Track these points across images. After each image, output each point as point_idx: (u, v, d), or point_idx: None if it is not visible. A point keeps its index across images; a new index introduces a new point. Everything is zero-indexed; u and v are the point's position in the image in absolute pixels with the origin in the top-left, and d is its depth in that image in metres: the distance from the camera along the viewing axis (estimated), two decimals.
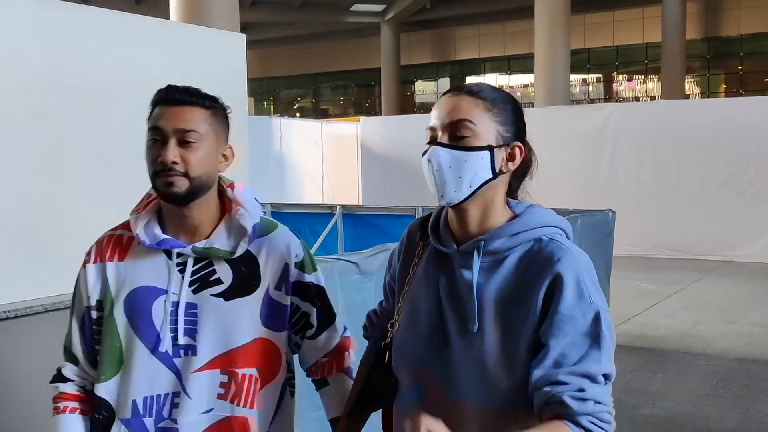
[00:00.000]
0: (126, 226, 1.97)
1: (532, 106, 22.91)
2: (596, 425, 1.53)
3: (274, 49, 37.45)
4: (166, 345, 1.88)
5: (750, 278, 11.57)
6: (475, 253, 1.66)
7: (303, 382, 2.18)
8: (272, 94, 39.97)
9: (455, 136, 1.64)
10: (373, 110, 37.35)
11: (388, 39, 33.63)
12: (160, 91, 1.88)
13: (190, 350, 1.89)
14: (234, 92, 1.78)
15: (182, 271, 1.90)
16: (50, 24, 3.13)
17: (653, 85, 32.12)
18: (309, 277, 2.01)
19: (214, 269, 1.92)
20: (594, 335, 1.57)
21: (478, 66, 35.93)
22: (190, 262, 1.91)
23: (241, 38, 4.09)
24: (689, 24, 27.80)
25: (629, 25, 31.42)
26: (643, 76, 33.12)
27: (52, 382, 2.03)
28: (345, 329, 2.12)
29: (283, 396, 2.00)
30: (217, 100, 1.92)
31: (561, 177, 14.37)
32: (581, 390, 1.53)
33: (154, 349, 1.89)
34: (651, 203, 13.56)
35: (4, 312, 2.88)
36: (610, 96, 33.47)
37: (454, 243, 1.72)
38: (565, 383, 1.54)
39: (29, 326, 2.93)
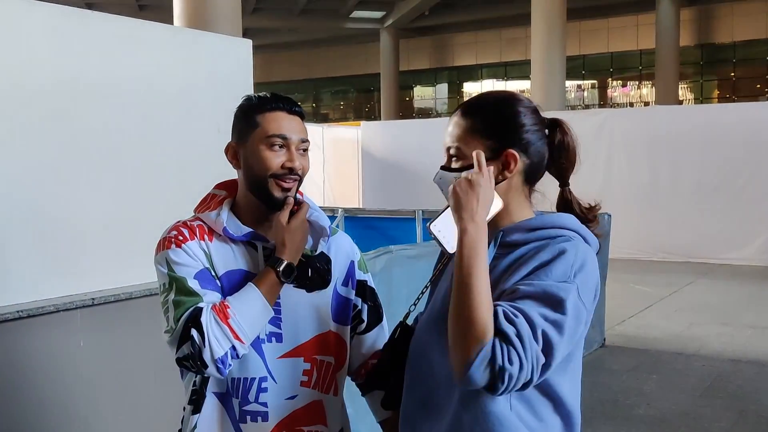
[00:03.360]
0: (197, 220, 1.95)
1: None
2: (502, 352, 1.46)
3: (275, 54, 37.48)
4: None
5: (744, 280, 11.58)
6: (492, 242, 1.69)
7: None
8: None
9: (450, 158, 1.74)
10: (372, 115, 37.37)
11: (387, 45, 33.67)
12: (271, 99, 1.92)
13: (275, 337, 1.93)
14: (240, 95, 1.82)
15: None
16: (62, 30, 3.14)
17: (647, 90, 32.17)
18: (365, 276, 2.14)
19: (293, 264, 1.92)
20: (556, 302, 1.53)
21: (476, 72, 35.99)
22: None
23: (248, 44, 4.11)
24: (683, 31, 27.86)
25: (624, 31, 31.48)
26: (637, 82, 33.16)
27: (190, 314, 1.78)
28: None
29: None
30: None
31: (556, 181, 14.39)
32: (514, 315, 1.49)
33: None
34: (646, 207, 13.57)
35: (17, 312, 2.91)
36: (605, 102, 33.52)
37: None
38: (503, 305, 1.52)
39: (41, 326, 2.96)
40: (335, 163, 17.36)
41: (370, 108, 39.04)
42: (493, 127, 1.71)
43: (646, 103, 31.30)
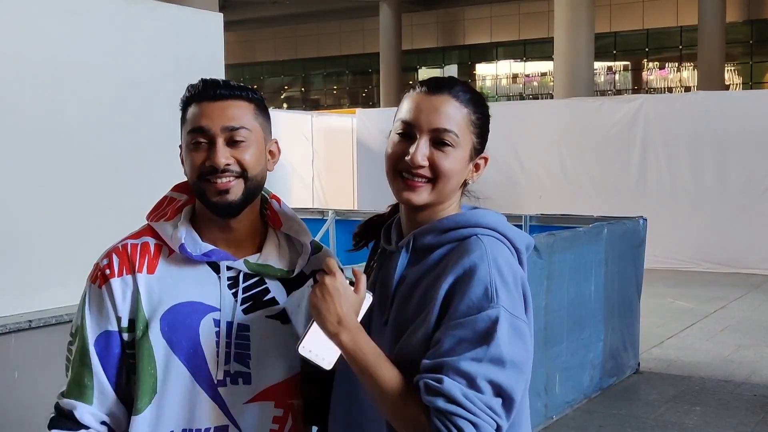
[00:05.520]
0: (148, 232, 1.93)
1: (551, 97, 22.90)
2: (445, 426, 1.58)
3: (257, 30, 37.49)
4: (216, 371, 1.85)
5: None
6: (404, 248, 1.83)
7: None
8: (256, 81, 40.05)
9: (437, 142, 1.78)
10: (370, 101, 37.41)
11: (387, 20, 33.66)
12: (192, 86, 1.88)
13: (241, 378, 1.87)
14: (211, 78, 1.78)
15: (231, 287, 1.88)
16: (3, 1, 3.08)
17: (688, 74, 32.17)
18: None
19: (267, 288, 1.92)
20: (485, 335, 1.62)
21: (490, 51, 36.01)
22: (240, 278, 1.89)
23: (218, 18, 4.05)
24: (729, 4, 27.84)
25: (662, 5, 31.47)
26: (677, 64, 33.17)
27: (55, 427, 1.89)
28: None
29: None
30: (257, 91, 1.94)
31: (584, 179, 14.37)
32: (438, 381, 1.59)
33: (197, 376, 1.85)
34: (687, 209, 13.53)
35: (15, 323, 2.91)
36: (639, 86, 33.53)
37: (397, 241, 1.88)
38: (431, 372, 1.62)
39: (43, 336, 2.94)
40: (326, 157, 17.33)
41: (368, 93, 39.07)
42: (482, 124, 1.85)
43: (687, 88, 31.30)
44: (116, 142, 3.50)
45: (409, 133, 1.80)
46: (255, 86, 1.98)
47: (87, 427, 1.88)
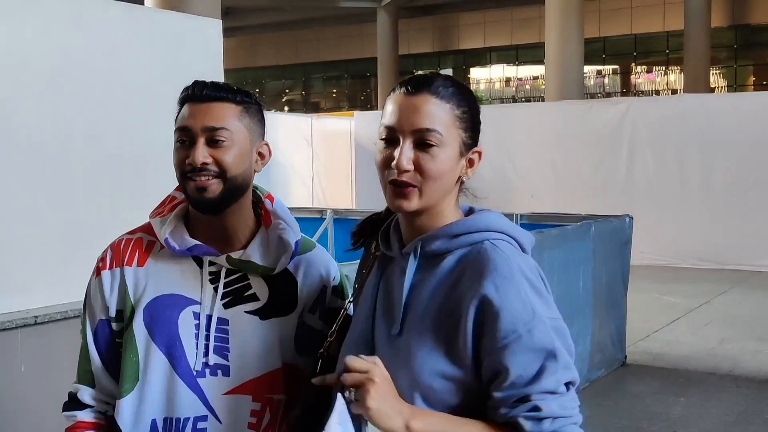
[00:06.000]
0: (145, 229, 1.96)
1: (542, 100, 22.88)
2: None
3: (259, 36, 37.42)
4: (194, 362, 1.85)
5: None
6: (412, 253, 1.71)
7: None
8: (258, 85, 39.96)
9: (420, 143, 1.66)
10: (368, 104, 37.35)
11: (385, 26, 33.61)
12: (186, 88, 1.87)
13: (221, 370, 1.87)
14: None
15: (212, 282, 1.89)
16: (3, 7, 3.06)
17: (675, 77, 32.14)
18: (342, 303, 2.01)
19: (249, 284, 1.91)
20: (544, 348, 1.58)
21: (484, 56, 35.97)
22: (222, 273, 1.89)
23: (217, 24, 4.03)
24: (715, 10, 27.81)
25: (649, 11, 31.43)
26: (664, 68, 33.14)
27: (66, 410, 1.99)
28: None
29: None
30: (251, 94, 1.91)
31: (574, 179, 14.36)
32: (536, 409, 1.56)
33: (176, 366, 1.86)
34: (673, 208, 13.52)
35: (22, 319, 2.90)
36: (627, 89, 33.50)
37: (400, 246, 1.77)
38: (519, 404, 1.57)
39: (48, 332, 2.93)
40: (325, 158, 17.29)
41: (366, 96, 39.01)
42: (470, 118, 1.73)
43: (674, 91, 31.27)
44: (118, 145, 3.49)
45: (392, 137, 1.68)
46: (257, 90, 1.98)
47: (90, 406, 1.95)
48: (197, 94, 1.84)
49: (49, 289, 3.24)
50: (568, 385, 1.60)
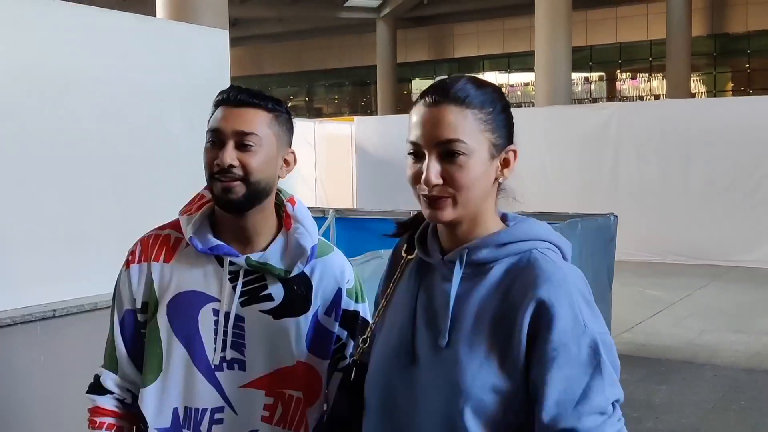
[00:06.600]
0: (174, 226, 1.95)
1: (533, 105, 22.87)
2: None
3: (265, 45, 37.39)
4: (213, 356, 1.86)
5: (759, 284, 11.53)
6: (458, 262, 1.57)
7: None
8: (264, 92, 39.86)
9: (447, 154, 1.53)
10: (368, 109, 37.32)
11: (384, 36, 33.60)
12: (222, 91, 1.86)
13: (237, 364, 1.87)
14: (217, 90, 1.76)
15: (232, 281, 1.88)
16: (13, 18, 3.07)
17: (658, 83, 32.14)
18: (357, 306, 2.00)
19: (265, 284, 1.89)
20: (594, 364, 1.47)
21: (477, 64, 35.92)
22: (241, 273, 1.88)
23: (224, 34, 4.04)
24: (695, 20, 27.81)
25: (633, 21, 31.42)
26: (647, 75, 33.12)
27: (89, 392, 2.00)
28: None
29: (322, 419, 1.97)
30: (282, 103, 1.90)
31: (562, 179, 14.34)
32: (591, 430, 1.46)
33: (196, 359, 1.86)
34: (655, 206, 13.51)
35: (41, 312, 2.92)
36: (613, 95, 33.49)
37: (440, 253, 1.63)
38: (573, 428, 1.45)
39: (66, 324, 2.94)
40: (328, 161, 17.29)
41: (366, 102, 38.99)
42: (497, 118, 1.59)
43: (657, 97, 31.26)
44: (129, 148, 3.50)
45: (418, 152, 1.55)
46: None
47: (111, 392, 1.96)
48: (232, 98, 1.83)
49: (66, 285, 3.24)
50: (615, 403, 1.49)
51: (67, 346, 3.14)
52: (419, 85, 38.26)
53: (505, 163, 1.62)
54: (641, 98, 32.40)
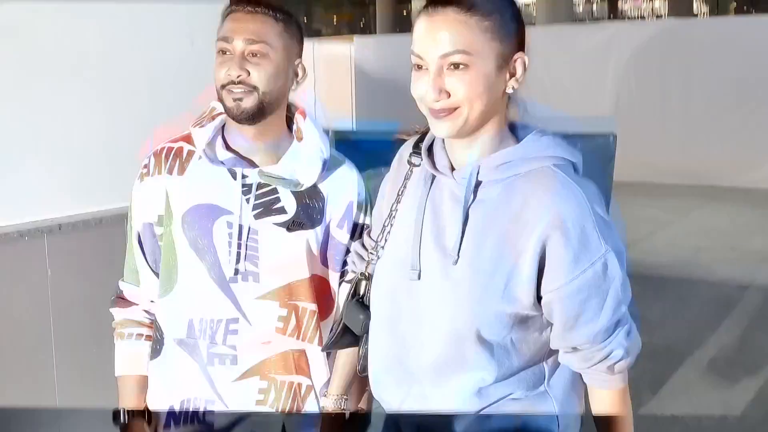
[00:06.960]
0: (186, 138, 1.93)
1: (534, 25, 22.59)
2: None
3: None
4: (227, 268, 1.85)
5: (755, 204, 11.56)
6: (469, 177, 1.51)
7: None
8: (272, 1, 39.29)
9: (450, 66, 1.45)
10: (368, 30, 36.82)
11: None
12: (231, 1, 1.84)
13: (251, 276, 1.86)
14: (215, 16, 1.72)
15: (245, 194, 1.86)
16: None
17: (660, 3, 31.69)
18: (366, 219, 1.98)
19: (278, 197, 1.88)
20: (612, 278, 1.50)
21: None
22: (254, 186, 1.87)
23: None
24: None
25: None
26: None
27: (113, 306, 2.03)
28: None
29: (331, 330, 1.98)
30: (291, 13, 1.85)
31: (562, 99, 14.25)
32: (620, 344, 1.57)
33: (211, 271, 1.86)
34: (654, 127, 13.45)
35: (47, 227, 3.00)
36: (615, 15, 33.04)
37: (449, 167, 1.58)
38: (606, 341, 1.55)
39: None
40: (327, 83, 17.13)
41: (365, 25, 38.46)
42: (506, 24, 1.48)
43: (659, 16, 30.84)
44: (130, 62, 3.44)
45: (421, 64, 1.47)
46: None
47: (136, 304, 2.00)
48: (240, 8, 1.80)
49: (73, 200, 3.25)
50: (630, 303, 1.56)
51: (74, 260, 3.18)
52: (418, 5, 37.65)
53: (514, 72, 1.52)
54: (643, 18, 31.97)
